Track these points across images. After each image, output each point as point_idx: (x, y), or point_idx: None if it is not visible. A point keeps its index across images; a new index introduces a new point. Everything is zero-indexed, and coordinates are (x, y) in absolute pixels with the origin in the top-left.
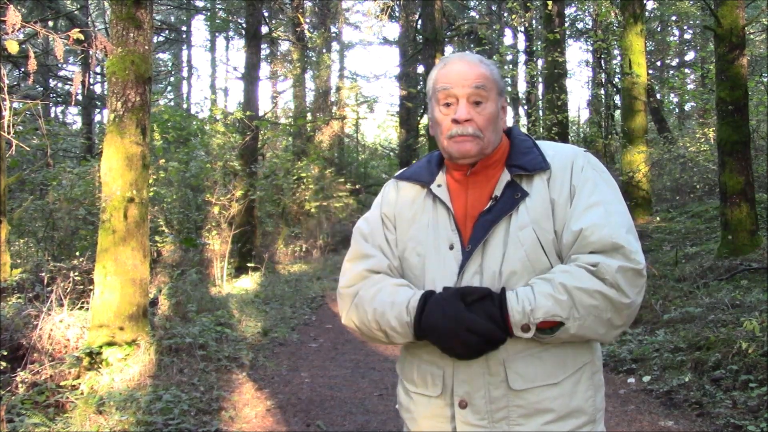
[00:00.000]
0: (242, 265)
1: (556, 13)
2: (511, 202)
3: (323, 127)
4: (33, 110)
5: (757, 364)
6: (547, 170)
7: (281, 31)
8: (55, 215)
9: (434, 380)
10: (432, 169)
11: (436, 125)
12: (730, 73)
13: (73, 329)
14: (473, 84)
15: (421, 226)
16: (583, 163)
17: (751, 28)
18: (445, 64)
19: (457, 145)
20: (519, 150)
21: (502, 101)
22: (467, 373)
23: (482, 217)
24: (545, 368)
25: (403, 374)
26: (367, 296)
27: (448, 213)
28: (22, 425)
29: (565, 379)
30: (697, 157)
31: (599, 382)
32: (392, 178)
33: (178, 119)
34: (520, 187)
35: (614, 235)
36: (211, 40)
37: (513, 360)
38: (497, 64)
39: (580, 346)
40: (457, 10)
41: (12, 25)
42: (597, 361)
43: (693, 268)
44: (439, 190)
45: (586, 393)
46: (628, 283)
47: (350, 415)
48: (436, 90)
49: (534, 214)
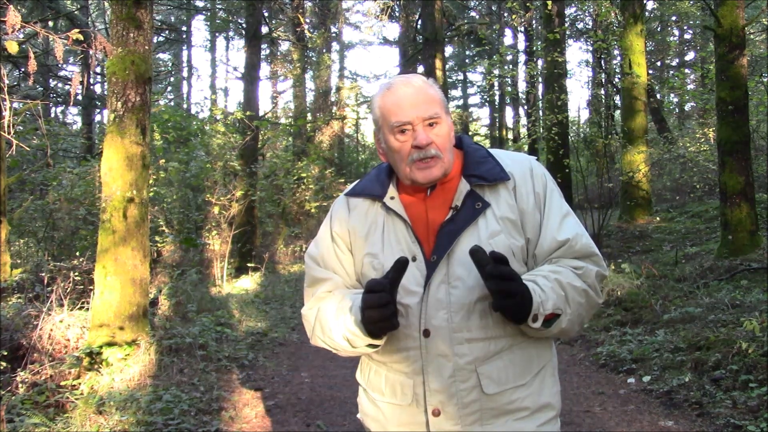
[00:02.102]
0: (242, 265)
1: (556, 13)
2: (473, 212)
3: (323, 127)
4: (33, 110)
5: (757, 364)
6: (509, 180)
7: (281, 31)
8: (55, 215)
9: (404, 390)
10: (382, 182)
11: (393, 153)
12: (730, 73)
13: (73, 329)
14: (426, 112)
15: (376, 240)
16: (540, 171)
17: (751, 28)
18: (390, 89)
19: (422, 172)
20: (474, 160)
21: (449, 119)
22: (439, 382)
23: (444, 227)
24: (515, 370)
25: (367, 384)
26: (329, 309)
27: (405, 225)
28: (22, 425)
29: (532, 378)
30: (697, 157)
31: (557, 377)
32: (342, 195)
33: (178, 119)
34: (480, 197)
35: (590, 245)
36: (211, 40)
37: (484, 365)
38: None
39: (543, 347)
40: (457, 10)
41: (12, 25)
42: (554, 360)
43: (693, 268)
44: (393, 203)
45: (552, 389)
46: (600, 287)
47: (350, 415)
48: (388, 121)
49: (503, 222)
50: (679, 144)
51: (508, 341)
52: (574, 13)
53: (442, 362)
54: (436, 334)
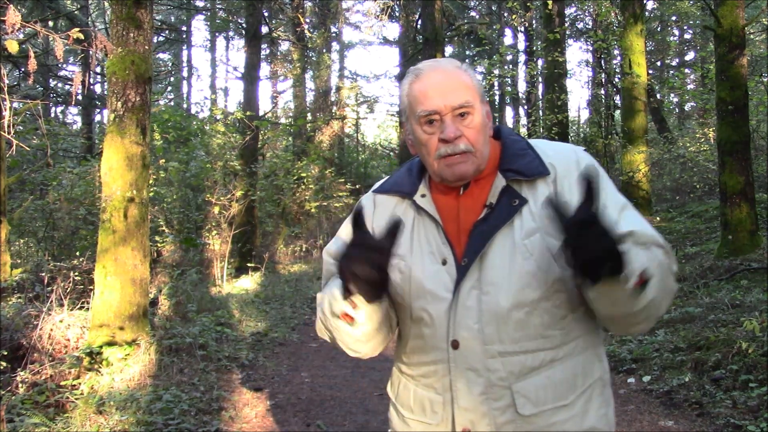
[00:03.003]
0: (242, 265)
1: (556, 13)
2: (509, 210)
3: (323, 127)
4: (33, 110)
5: (757, 364)
6: (548, 175)
7: (281, 31)
8: (55, 215)
9: (433, 407)
10: (413, 179)
11: (420, 145)
12: (730, 73)
13: (73, 329)
14: (457, 99)
15: (404, 240)
16: (589, 162)
17: (751, 28)
18: (418, 77)
19: (450, 169)
20: (512, 152)
21: (485, 108)
22: (469, 399)
23: (477, 227)
24: (555, 389)
25: (397, 399)
26: (326, 286)
27: (436, 225)
28: (22, 425)
29: (577, 399)
30: (697, 157)
31: (609, 396)
32: (369, 192)
33: (178, 119)
34: (517, 193)
35: (657, 236)
36: (211, 40)
37: (520, 382)
38: (471, 67)
39: (590, 361)
40: (457, 10)
41: (12, 25)
42: (606, 376)
43: (693, 268)
44: (424, 201)
45: (599, 411)
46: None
47: (350, 415)
48: (415, 111)
49: (540, 221)
50: (679, 144)
51: (548, 355)
52: (574, 13)
53: (472, 377)
54: (466, 346)
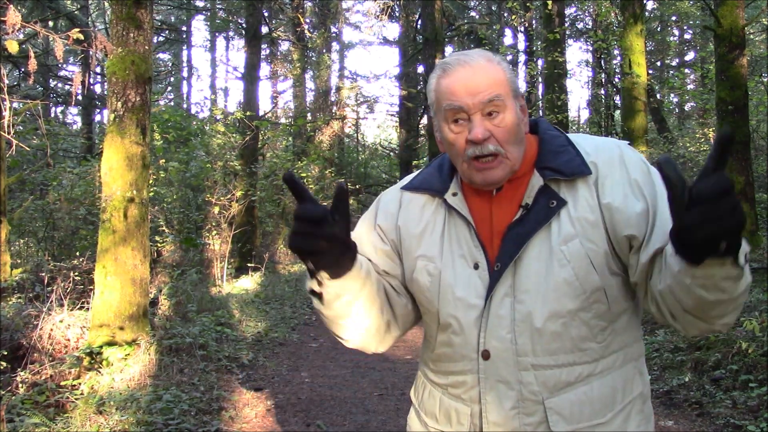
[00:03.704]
0: (242, 265)
1: (556, 13)
2: (546, 212)
3: (323, 127)
4: (33, 110)
5: (757, 364)
6: (589, 175)
7: (281, 31)
8: (55, 215)
9: (460, 418)
10: (444, 177)
11: (449, 145)
12: (730, 73)
13: (73, 329)
14: (486, 95)
15: (434, 241)
16: (635, 157)
17: (751, 28)
18: (446, 72)
19: (480, 174)
20: (550, 149)
21: (519, 102)
22: (499, 414)
23: (512, 230)
24: (592, 405)
25: (420, 405)
26: None
27: (468, 227)
28: (22, 425)
29: (614, 417)
30: (697, 157)
31: (649, 411)
32: (393, 188)
33: (178, 119)
34: (555, 193)
35: None
36: (211, 40)
37: (554, 398)
38: (503, 59)
39: (630, 376)
40: (457, 10)
41: (12, 25)
42: (646, 390)
43: None
44: (455, 200)
45: (638, 428)
46: None
47: (350, 415)
48: (441, 107)
49: (579, 225)
50: (679, 144)
51: (586, 370)
52: (574, 13)
53: (503, 390)
54: (497, 357)
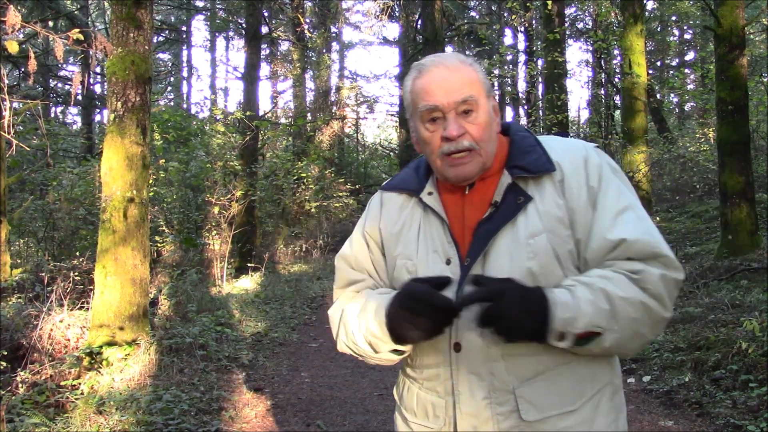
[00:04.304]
0: (242, 265)
1: (556, 13)
2: (514, 208)
3: (323, 127)
4: (33, 110)
5: (757, 364)
6: (554, 172)
7: (281, 31)
8: (55, 215)
9: (435, 411)
10: (420, 177)
11: (424, 144)
12: (730, 73)
13: (73, 329)
14: (460, 95)
15: (410, 239)
16: (598, 162)
17: (751, 28)
18: (421, 73)
19: (454, 170)
20: (520, 149)
21: (492, 103)
22: (472, 404)
23: (482, 226)
24: (561, 394)
25: (401, 402)
26: (352, 311)
27: (442, 224)
28: (22, 425)
29: (583, 405)
30: (697, 157)
31: (620, 402)
32: (378, 190)
33: (178, 119)
34: (523, 190)
35: (655, 244)
36: (211, 40)
37: (524, 387)
38: (477, 60)
39: (599, 366)
40: (457, 10)
41: (12, 25)
42: (617, 380)
43: (693, 268)
44: (430, 199)
45: (608, 417)
46: (669, 295)
47: (350, 415)
48: (417, 108)
49: (547, 220)
50: (679, 144)
51: (554, 360)
52: (574, 13)
53: (474, 381)
54: (469, 349)
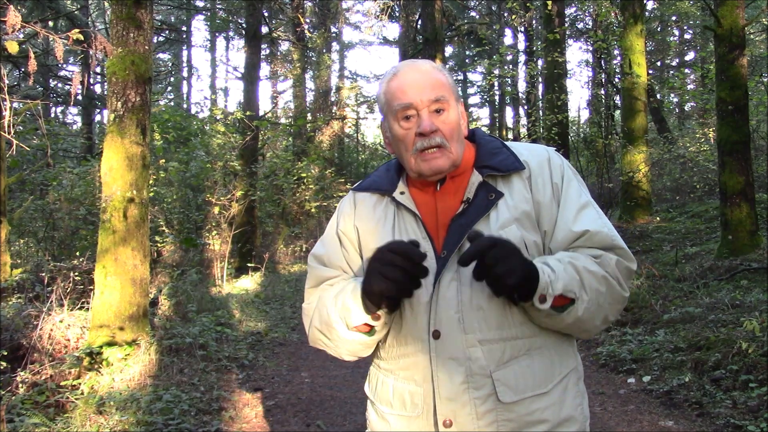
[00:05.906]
0: (242, 265)
1: (556, 13)
2: (486, 204)
3: (323, 127)
4: (33, 110)
5: (757, 364)
6: (523, 170)
7: (281, 31)
8: (55, 215)
9: (413, 399)
10: (392, 177)
11: (398, 142)
12: (730, 73)
13: (73, 329)
14: (432, 94)
15: (385, 236)
16: (559, 162)
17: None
18: (396, 75)
19: (427, 163)
20: (487, 151)
21: (460, 107)
22: (451, 389)
23: (456, 221)
24: (534, 377)
25: (375, 396)
26: (329, 294)
27: (415, 219)
28: (23, 425)
29: (554, 388)
30: (697, 157)
31: (583, 389)
32: (350, 191)
33: (178, 119)
34: (493, 187)
35: (612, 237)
36: (211, 40)
37: (500, 370)
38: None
39: (565, 351)
40: (457, 10)
41: (12, 25)
42: (579, 368)
43: (693, 268)
44: (403, 197)
45: (575, 400)
46: (624, 278)
47: (350, 415)
48: (392, 107)
49: (516, 213)
50: (679, 144)
51: (527, 344)
52: (574, 13)
53: (453, 367)
54: (447, 336)
